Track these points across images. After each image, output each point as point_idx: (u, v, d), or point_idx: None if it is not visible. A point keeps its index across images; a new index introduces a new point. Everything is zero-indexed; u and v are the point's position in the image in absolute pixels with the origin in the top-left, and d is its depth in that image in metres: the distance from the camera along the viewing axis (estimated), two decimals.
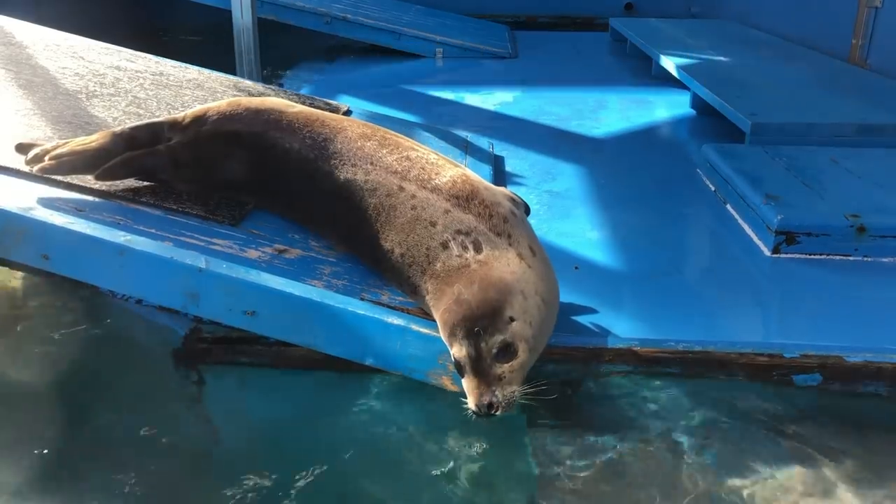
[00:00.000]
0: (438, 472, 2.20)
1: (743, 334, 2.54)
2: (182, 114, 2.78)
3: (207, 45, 7.38)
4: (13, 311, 2.99)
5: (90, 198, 2.59)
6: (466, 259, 2.17)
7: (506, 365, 2.03)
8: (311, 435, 2.41)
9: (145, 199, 2.64)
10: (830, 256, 3.00)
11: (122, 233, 2.38)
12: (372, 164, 2.43)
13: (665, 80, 5.93)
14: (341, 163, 2.46)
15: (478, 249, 2.19)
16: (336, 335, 2.30)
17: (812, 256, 3.01)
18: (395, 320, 2.27)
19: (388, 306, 2.34)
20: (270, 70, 6.08)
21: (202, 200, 2.71)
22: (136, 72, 3.97)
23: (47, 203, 2.47)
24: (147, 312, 2.55)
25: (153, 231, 2.45)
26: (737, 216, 3.39)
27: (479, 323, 2.03)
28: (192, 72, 4.19)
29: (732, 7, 8.46)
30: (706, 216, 3.54)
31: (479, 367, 2.02)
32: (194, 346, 2.45)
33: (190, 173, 2.68)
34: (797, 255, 3.01)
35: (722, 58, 5.99)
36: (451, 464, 2.23)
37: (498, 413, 2.00)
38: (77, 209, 2.47)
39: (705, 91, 4.90)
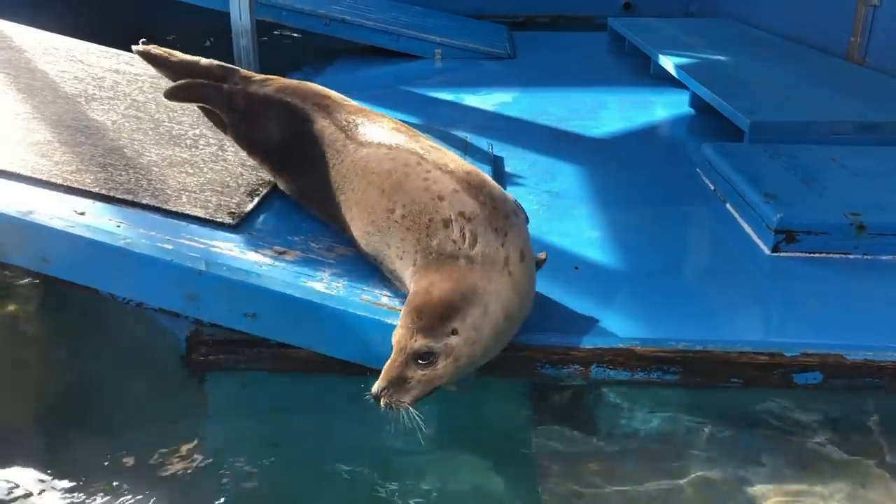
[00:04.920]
0: (441, 475, 2.20)
1: (743, 333, 2.54)
2: (257, 74, 3.10)
3: (207, 48, 7.38)
4: (14, 318, 2.99)
5: (90, 201, 2.59)
6: (458, 250, 2.17)
7: (418, 372, 2.02)
8: (313, 437, 2.41)
9: (145, 201, 2.64)
10: (830, 255, 3.00)
11: (122, 235, 2.38)
12: (397, 143, 2.50)
13: (664, 80, 5.93)
14: (368, 141, 2.56)
15: (473, 243, 2.18)
16: (336, 337, 2.30)
17: (812, 255, 3.01)
18: (395, 321, 2.26)
19: (388, 307, 2.34)
20: (269, 72, 6.08)
21: (202, 203, 2.71)
22: (135, 75, 3.98)
23: (47, 207, 2.47)
24: (148, 315, 2.55)
25: (153, 234, 2.45)
26: (736, 215, 3.39)
27: (424, 321, 2.03)
28: None
29: (730, 6, 8.46)
30: (706, 215, 3.54)
31: (396, 357, 2.03)
32: (196, 348, 2.45)
33: (236, 119, 2.94)
34: (797, 254, 3.01)
35: (720, 57, 6.00)
36: (454, 466, 2.24)
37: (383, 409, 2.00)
38: (77, 212, 2.48)
39: (704, 90, 4.90)
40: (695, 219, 3.55)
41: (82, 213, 2.48)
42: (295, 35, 7.30)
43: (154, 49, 3.20)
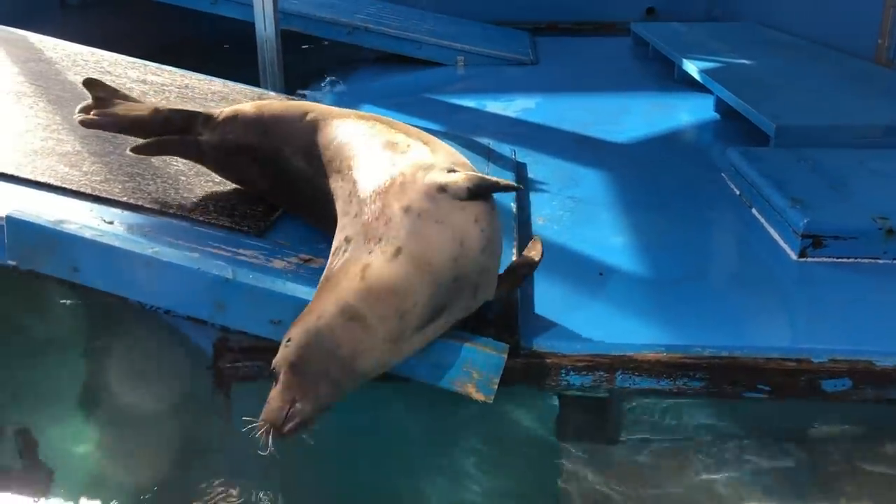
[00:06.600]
0: (463, 487, 2.20)
1: (770, 339, 2.52)
2: (218, 111, 2.90)
3: (233, 58, 7.46)
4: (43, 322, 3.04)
5: (118, 210, 2.63)
6: (330, 270, 2.13)
7: (276, 388, 1.95)
8: (335, 444, 2.42)
9: (172, 210, 2.68)
10: (858, 260, 2.96)
11: (150, 244, 2.41)
12: (349, 168, 2.40)
13: (688, 84, 5.90)
14: (331, 170, 2.47)
15: (339, 257, 2.14)
16: None
17: (839, 260, 2.97)
18: None
19: None
20: (294, 81, 6.13)
21: (228, 211, 2.75)
22: (162, 85, 4.03)
23: (76, 216, 2.51)
24: (174, 322, 2.58)
25: (181, 242, 2.48)
26: (762, 220, 3.36)
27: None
28: (217, 84, 4.24)
29: (754, 9, 8.40)
30: (731, 220, 3.52)
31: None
32: (223, 355, 2.47)
33: (214, 167, 2.92)
34: (824, 259, 2.98)
35: (745, 60, 5.95)
36: (475, 477, 2.23)
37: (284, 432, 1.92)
38: (106, 221, 2.51)
39: (728, 94, 4.86)
40: (720, 224, 3.53)
41: (111, 223, 2.52)
42: (319, 44, 7.34)
43: (101, 117, 2.85)
